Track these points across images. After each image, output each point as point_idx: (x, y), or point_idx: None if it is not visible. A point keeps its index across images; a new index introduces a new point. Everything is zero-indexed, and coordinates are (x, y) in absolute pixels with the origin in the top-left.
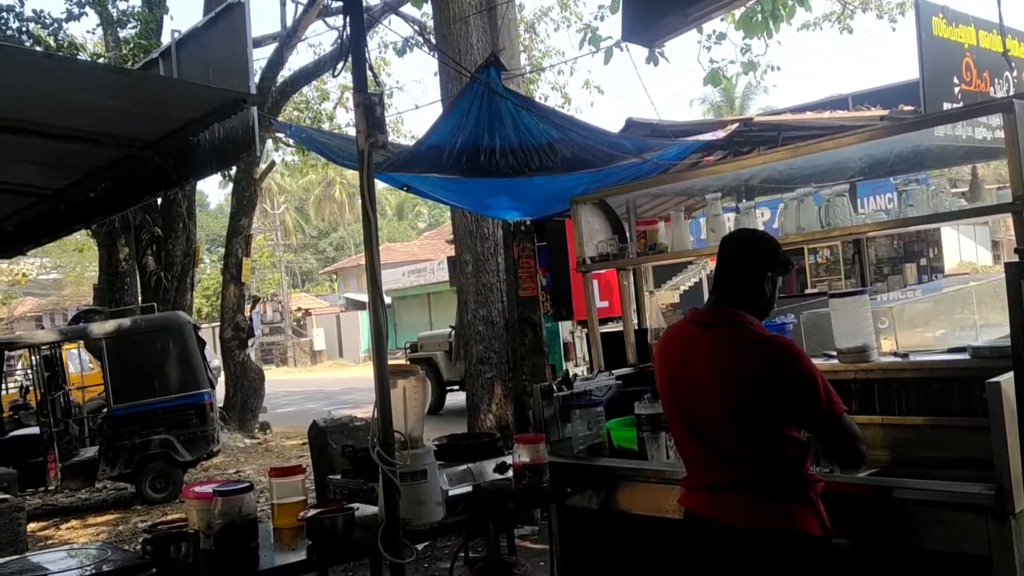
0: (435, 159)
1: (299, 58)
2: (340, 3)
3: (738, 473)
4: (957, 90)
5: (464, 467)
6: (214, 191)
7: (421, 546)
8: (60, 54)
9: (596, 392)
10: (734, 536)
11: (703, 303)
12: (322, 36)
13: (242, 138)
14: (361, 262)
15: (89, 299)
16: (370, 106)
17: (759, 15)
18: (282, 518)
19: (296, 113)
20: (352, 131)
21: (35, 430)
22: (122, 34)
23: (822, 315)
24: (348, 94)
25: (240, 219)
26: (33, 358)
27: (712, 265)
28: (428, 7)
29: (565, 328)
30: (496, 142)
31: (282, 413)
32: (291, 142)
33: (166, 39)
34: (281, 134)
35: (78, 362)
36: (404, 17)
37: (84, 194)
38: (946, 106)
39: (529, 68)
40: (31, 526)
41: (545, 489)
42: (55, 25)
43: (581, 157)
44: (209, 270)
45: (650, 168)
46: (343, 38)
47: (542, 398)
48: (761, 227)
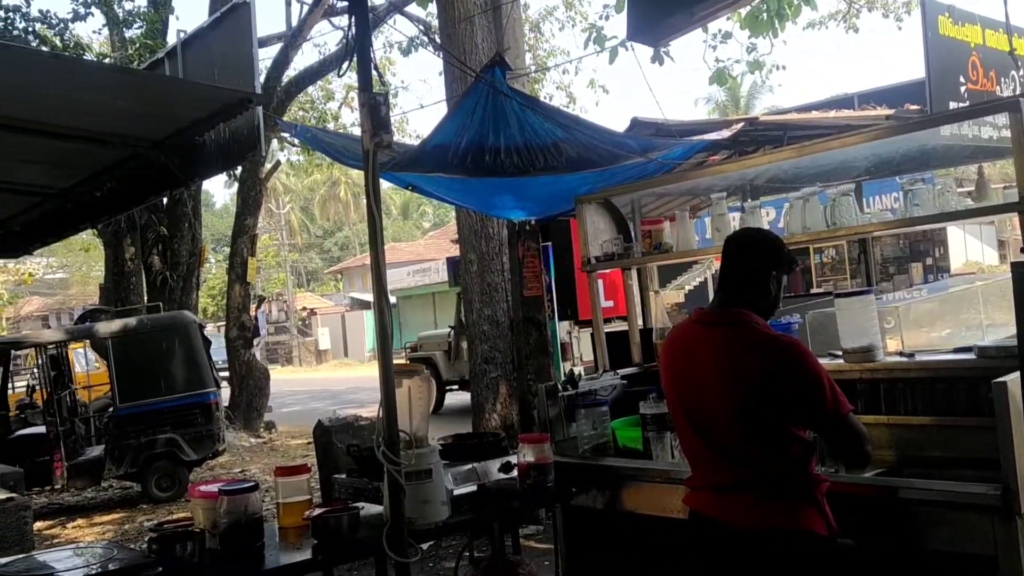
0: (440, 159)
1: (304, 58)
2: (345, 3)
3: (743, 473)
4: (963, 89)
5: (469, 467)
6: (219, 191)
7: (426, 545)
8: (66, 54)
9: (601, 392)
10: (739, 536)
11: (708, 303)
12: (327, 36)
13: (247, 138)
14: (366, 262)
15: (95, 299)
16: (375, 106)
17: (765, 14)
18: (287, 517)
19: (301, 113)
20: (357, 131)
21: (41, 429)
22: (128, 34)
23: (828, 315)
24: (353, 94)
25: (245, 219)
26: (39, 357)
27: (717, 265)
28: (433, 7)
29: (563, 328)
30: (501, 142)
31: (287, 412)
32: (296, 142)
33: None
34: (286, 134)
35: (84, 361)
36: (409, 17)
37: (90, 194)
38: (952, 105)
39: (534, 67)
40: (37, 525)
41: (550, 489)
42: (61, 25)
43: (586, 157)
44: (215, 270)
45: (655, 168)
46: (348, 38)
47: (547, 398)
48: (766, 227)
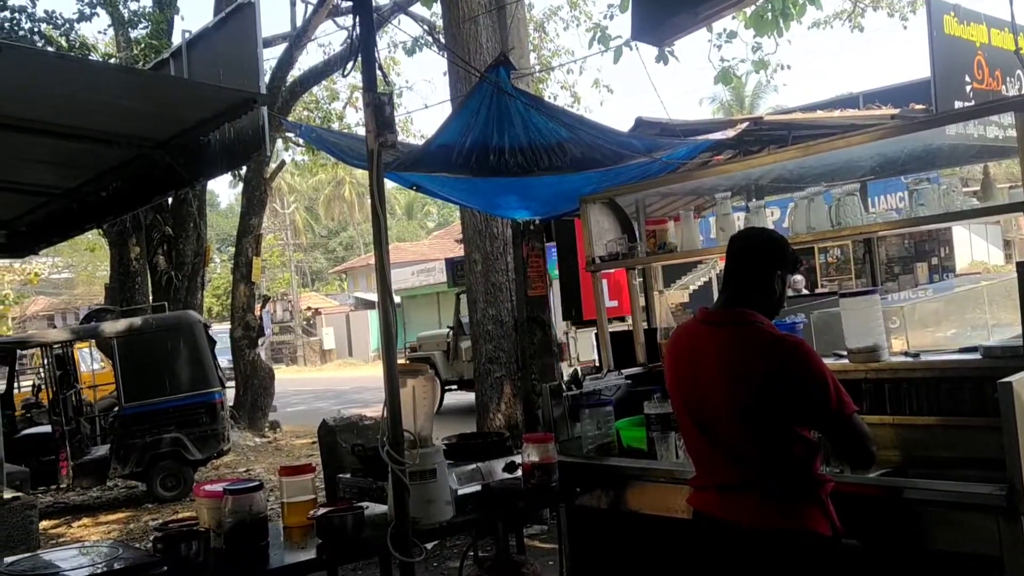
0: (444, 158)
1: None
2: (350, 3)
3: (747, 473)
4: (969, 88)
5: (473, 466)
6: (224, 191)
7: (430, 545)
8: (72, 54)
9: (605, 392)
10: (743, 536)
11: (713, 302)
12: (332, 36)
13: (252, 138)
14: (370, 261)
15: (100, 298)
16: (379, 106)
17: (770, 13)
18: (292, 517)
19: (306, 113)
20: (361, 131)
21: (47, 429)
22: (133, 34)
23: (832, 315)
24: (358, 94)
25: (250, 218)
26: (45, 357)
27: (721, 264)
28: (438, 7)
29: (559, 329)
30: (505, 141)
31: (292, 412)
32: (301, 142)
33: (177, 39)
34: (291, 134)
35: (90, 361)
36: (413, 17)
37: (96, 193)
38: (957, 105)
39: (538, 67)
40: (43, 524)
41: (554, 488)
42: (67, 25)
43: (590, 156)
44: (219, 269)
45: (659, 167)
46: (352, 38)
47: (551, 397)
48: (771, 226)
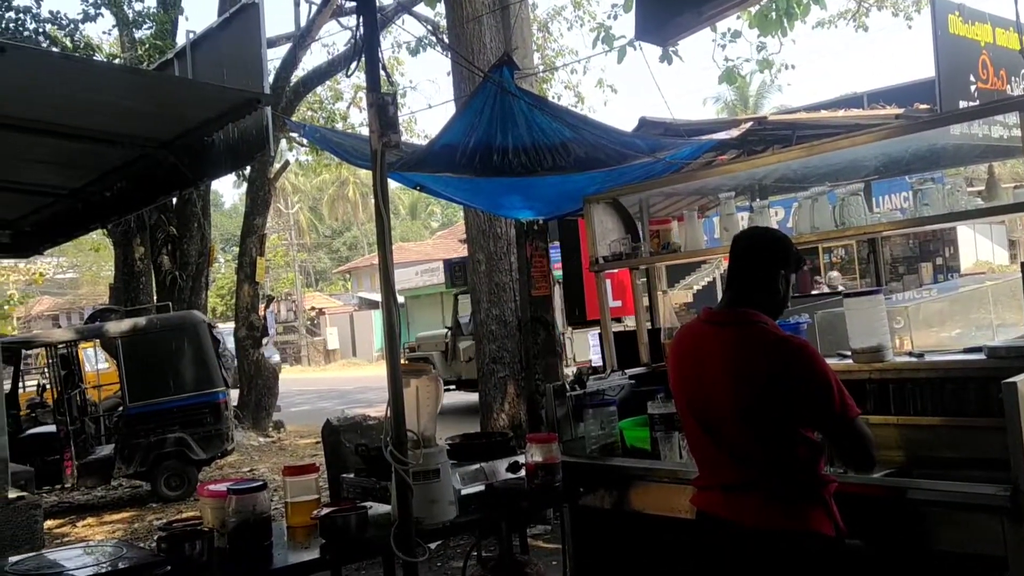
0: (448, 158)
1: (313, 58)
2: (354, 3)
3: (751, 473)
4: (973, 88)
5: (477, 466)
6: (228, 191)
7: (434, 545)
8: (76, 55)
9: (609, 392)
10: (746, 536)
11: (716, 302)
12: (336, 36)
13: (256, 138)
14: (374, 261)
15: (105, 298)
16: (383, 106)
17: (774, 13)
18: (296, 516)
19: (310, 113)
20: (365, 131)
21: (52, 428)
22: (137, 35)
23: (836, 315)
24: (361, 94)
25: (254, 218)
26: (50, 357)
27: (725, 264)
28: (441, 7)
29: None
30: (509, 141)
31: (296, 412)
32: (305, 142)
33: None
34: (295, 134)
35: (94, 361)
36: (417, 17)
37: (100, 194)
38: (962, 104)
39: (542, 67)
40: (48, 523)
41: (558, 489)
42: (71, 26)
43: (594, 156)
44: (224, 269)
45: (663, 167)
46: (356, 38)
47: (555, 397)
48: (775, 226)
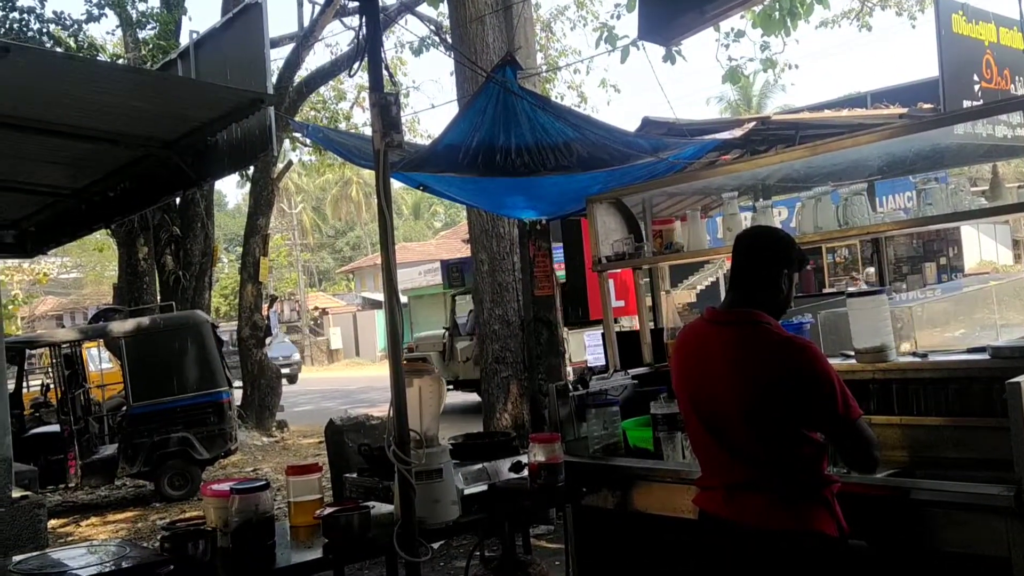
0: (451, 158)
1: (316, 58)
2: (356, 3)
3: (754, 473)
4: (977, 88)
5: (479, 466)
6: (232, 191)
7: (436, 545)
8: (80, 55)
9: (612, 391)
10: (749, 536)
11: (720, 302)
12: (339, 36)
13: (259, 138)
14: (377, 261)
15: (109, 298)
16: (386, 106)
17: (777, 12)
18: (299, 516)
19: (313, 113)
20: (368, 131)
21: (55, 428)
22: (141, 35)
23: (840, 315)
24: (364, 94)
25: (258, 218)
26: (54, 357)
27: (728, 264)
28: (444, 6)
29: None
30: (512, 141)
31: (299, 412)
32: (308, 142)
33: (184, 40)
34: (298, 134)
35: (98, 360)
36: (420, 17)
37: (104, 194)
38: (966, 104)
39: (545, 67)
40: (51, 523)
41: (561, 488)
42: (75, 26)
43: (597, 156)
44: (227, 269)
45: (666, 167)
46: (359, 38)
47: (558, 397)
48: (778, 226)
